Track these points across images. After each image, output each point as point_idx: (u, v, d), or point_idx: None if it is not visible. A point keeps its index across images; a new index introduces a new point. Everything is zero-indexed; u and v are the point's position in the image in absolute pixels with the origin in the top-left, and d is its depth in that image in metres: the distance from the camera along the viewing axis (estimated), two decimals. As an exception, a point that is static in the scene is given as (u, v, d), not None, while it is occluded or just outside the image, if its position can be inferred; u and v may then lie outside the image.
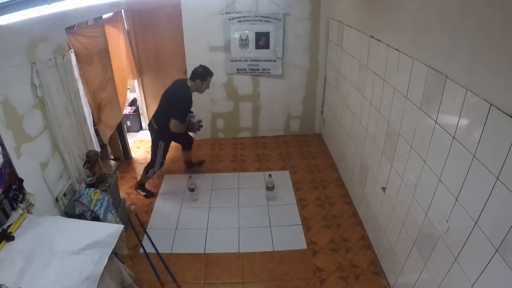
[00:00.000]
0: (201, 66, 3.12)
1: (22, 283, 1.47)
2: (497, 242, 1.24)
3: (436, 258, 1.69)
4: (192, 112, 3.25)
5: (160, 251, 2.72)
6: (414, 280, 1.93)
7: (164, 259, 2.65)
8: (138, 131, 4.92)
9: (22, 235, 1.73)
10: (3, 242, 1.67)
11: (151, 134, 3.32)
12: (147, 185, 3.51)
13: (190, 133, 3.51)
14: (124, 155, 4.15)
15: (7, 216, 1.80)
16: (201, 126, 3.31)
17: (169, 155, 4.24)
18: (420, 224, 1.85)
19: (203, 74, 3.07)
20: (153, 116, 3.28)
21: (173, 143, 3.49)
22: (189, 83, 3.11)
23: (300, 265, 2.57)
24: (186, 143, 3.70)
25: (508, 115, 1.18)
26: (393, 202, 2.23)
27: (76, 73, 2.79)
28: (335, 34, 3.66)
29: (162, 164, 3.37)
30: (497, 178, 1.24)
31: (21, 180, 1.92)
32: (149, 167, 3.36)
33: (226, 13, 3.85)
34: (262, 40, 3.98)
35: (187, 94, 3.08)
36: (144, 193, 3.46)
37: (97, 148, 3.17)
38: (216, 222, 3.06)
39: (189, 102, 3.13)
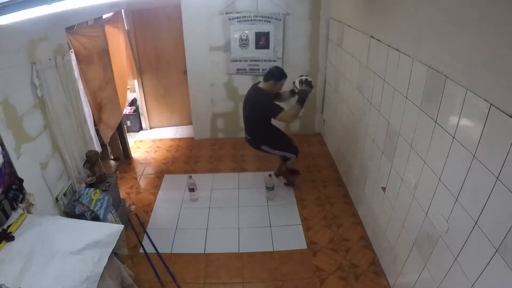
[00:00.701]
0: (276, 67, 3.05)
1: (22, 283, 1.47)
2: (497, 242, 1.24)
3: (436, 258, 1.69)
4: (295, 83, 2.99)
5: (160, 251, 2.72)
6: (414, 280, 1.93)
7: (164, 259, 2.65)
8: (138, 131, 4.92)
9: (22, 235, 1.73)
10: (3, 242, 1.67)
11: (253, 147, 3.25)
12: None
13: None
14: (124, 155, 4.15)
15: (7, 216, 1.80)
16: (311, 83, 2.91)
17: (168, 155, 4.28)
18: (420, 224, 1.85)
19: (278, 75, 2.94)
20: (247, 135, 3.24)
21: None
22: (261, 84, 3.01)
23: (300, 265, 2.57)
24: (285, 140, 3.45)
25: (508, 115, 1.18)
26: (393, 202, 2.23)
27: (76, 73, 2.79)
28: (335, 34, 3.66)
29: (296, 151, 3.24)
30: (497, 178, 1.24)
31: (21, 180, 1.92)
32: (284, 161, 3.35)
33: (226, 13, 3.85)
34: (262, 40, 3.98)
35: (261, 97, 2.94)
36: (288, 182, 3.46)
37: (97, 148, 3.17)
38: (216, 222, 3.06)
39: (270, 99, 2.93)
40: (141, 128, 4.98)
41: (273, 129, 3.19)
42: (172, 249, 2.77)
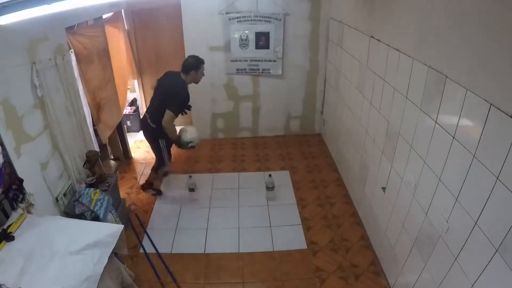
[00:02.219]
0: (190, 56, 3.01)
1: (22, 283, 1.47)
2: (497, 242, 1.24)
3: (436, 258, 1.69)
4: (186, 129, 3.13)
5: (160, 251, 2.72)
6: (414, 280, 1.93)
7: (164, 259, 2.65)
8: (138, 131, 4.91)
9: (22, 235, 1.73)
10: (3, 242, 1.67)
11: (146, 132, 3.13)
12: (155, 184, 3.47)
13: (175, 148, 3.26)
14: (124, 155, 4.15)
15: (7, 216, 1.80)
16: (193, 147, 3.12)
17: (169, 154, 4.27)
18: (420, 224, 1.85)
19: (195, 64, 2.95)
20: (147, 112, 3.11)
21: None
22: (183, 76, 2.98)
23: (300, 265, 2.57)
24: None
25: (508, 115, 1.18)
26: (393, 202, 2.23)
27: (76, 73, 2.79)
28: (335, 34, 3.66)
29: (170, 159, 3.31)
30: (497, 178, 1.24)
31: (21, 180, 1.92)
32: (158, 166, 3.31)
33: (226, 13, 3.85)
34: (262, 40, 3.98)
35: (183, 90, 2.93)
36: (154, 192, 3.44)
37: (96, 148, 3.17)
38: (216, 222, 3.06)
39: (186, 97, 2.97)
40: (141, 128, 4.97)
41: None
42: (172, 249, 2.77)
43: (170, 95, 2.90)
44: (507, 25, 1.19)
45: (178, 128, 3.12)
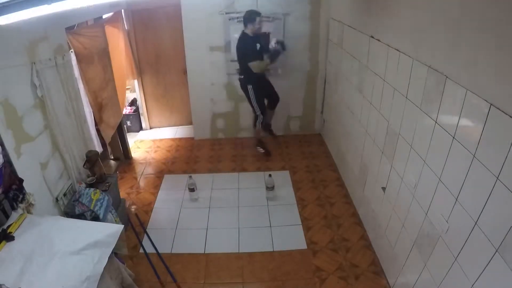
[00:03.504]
0: (246, 11, 3.41)
1: (22, 283, 1.47)
2: (497, 242, 1.24)
3: (436, 258, 1.69)
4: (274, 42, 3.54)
5: (160, 251, 2.72)
6: (414, 280, 1.93)
7: (164, 259, 2.65)
8: (138, 131, 4.92)
9: (22, 235, 1.73)
10: (3, 242, 1.67)
11: (241, 87, 3.70)
12: (264, 140, 3.88)
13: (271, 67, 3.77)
14: (124, 155, 4.15)
15: (7, 216, 1.80)
16: (284, 46, 3.54)
17: (168, 155, 4.28)
18: (420, 224, 1.85)
19: (248, 18, 3.35)
20: (238, 73, 3.73)
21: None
22: (245, 30, 3.44)
23: (300, 265, 2.57)
24: (272, 100, 3.88)
25: (508, 115, 1.18)
26: (393, 202, 2.23)
27: (76, 73, 2.79)
28: (335, 34, 3.66)
29: (263, 111, 3.67)
30: (497, 178, 1.24)
31: (21, 180, 1.92)
32: (255, 120, 3.74)
33: (226, 13, 3.85)
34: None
35: (243, 41, 3.42)
36: (262, 150, 3.84)
37: (98, 148, 3.17)
38: (216, 222, 3.06)
39: (249, 46, 3.42)
40: (141, 128, 4.98)
41: (263, 79, 3.67)
42: (172, 249, 2.77)
43: (238, 51, 3.50)
44: (507, 25, 1.19)
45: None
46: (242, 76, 3.63)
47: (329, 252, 2.67)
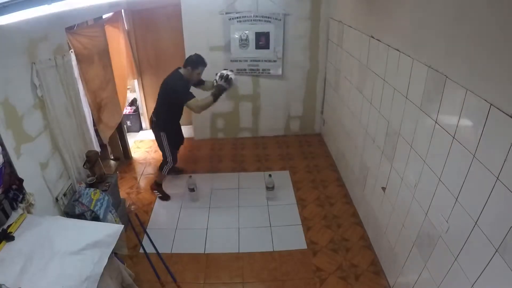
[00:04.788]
0: (195, 54, 3.04)
1: (22, 283, 1.47)
2: (497, 242, 1.24)
3: (436, 258, 1.69)
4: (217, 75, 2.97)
5: (160, 251, 2.72)
6: (414, 280, 1.93)
7: (164, 259, 2.65)
8: (138, 131, 4.92)
9: (22, 235, 1.73)
10: (3, 242, 1.67)
11: (152, 129, 3.27)
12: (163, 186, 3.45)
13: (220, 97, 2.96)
14: (124, 155, 4.15)
15: (7, 216, 1.80)
16: (230, 80, 2.88)
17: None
18: (420, 224, 1.85)
19: (194, 62, 2.97)
20: (153, 112, 3.26)
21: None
22: (182, 70, 3.03)
23: (300, 265, 2.57)
24: (181, 142, 3.56)
25: (508, 115, 1.18)
26: (393, 202, 2.23)
27: (76, 73, 2.79)
28: (335, 34, 3.66)
29: (174, 159, 3.33)
30: (497, 178, 1.24)
31: (21, 180, 1.92)
32: (163, 164, 3.34)
33: (226, 13, 3.85)
34: (262, 40, 3.98)
35: (177, 80, 2.95)
36: (160, 195, 3.40)
37: (97, 148, 3.17)
38: (216, 222, 3.06)
39: (183, 86, 2.94)
40: (141, 128, 4.97)
41: (176, 121, 3.27)
42: (172, 249, 2.77)
43: (172, 91, 2.94)
44: (507, 25, 1.19)
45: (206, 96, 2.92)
46: (156, 119, 3.16)
47: (329, 252, 2.67)
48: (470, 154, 1.40)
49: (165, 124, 3.16)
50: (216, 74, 2.96)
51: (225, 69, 3.01)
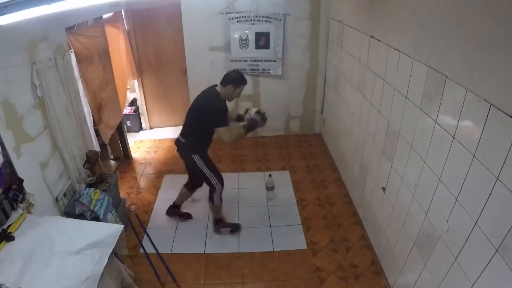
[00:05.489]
0: (235, 71, 2.66)
1: (22, 283, 1.47)
2: (497, 242, 1.24)
3: (436, 258, 1.69)
4: (247, 110, 2.73)
5: (160, 251, 2.72)
6: (414, 280, 1.93)
7: (164, 259, 2.65)
8: (138, 131, 4.92)
9: (22, 235, 1.73)
10: (3, 242, 1.67)
11: (179, 150, 2.78)
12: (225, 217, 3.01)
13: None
14: (124, 155, 4.15)
15: (7, 216, 1.80)
16: (265, 118, 2.67)
17: (168, 155, 4.27)
18: (420, 224, 1.85)
19: (236, 79, 2.58)
20: (181, 133, 2.79)
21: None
22: (219, 88, 2.61)
23: (300, 265, 2.57)
24: (196, 182, 3.09)
25: (508, 115, 1.18)
26: (393, 202, 2.23)
27: (76, 73, 2.79)
28: (335, 34, 3.66)
29: (221, 180, 2.78)
30: (497, 178, 1.24)
31: (21, 180, 1.92)
32: (211, 192, 2.80)
33: (226, 13, 3.85)
34: (262, 40, 3.98)
35: (212, 99, 2.58)
36: (229, 229, 2.91)
37: (97, 148, 3.17)
38: (216, 222, 3.06)
39: (220, 108, 2.58)
40: (141, 128, 4.97)
41: (210, 142, 2.69)
42: (172, 249, 2.77)
43: (204, 113, 2.56)
44: (507, 25, 1.19)
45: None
46: (185, 141, 2.69)
47: (329, 252, 2.67)
48: (470, 154, 1.40)
49: (198, 145, 2.69)
50: (248, 109, 2.74)
51: (258, 108, 2.74)
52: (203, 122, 2.54)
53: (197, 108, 2.64)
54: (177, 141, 2.80)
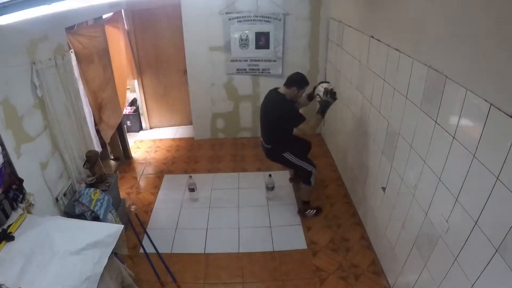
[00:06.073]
0: (297, 73, 2.80)
1: (22, 283, 1.47)
2: (497, 242, 1.24)
3: (436, 258, 1.69)
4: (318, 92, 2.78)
5: (160, 251, 2.72)
6: (414, 280, 1.93)
7: (164, 259, 2.65)
8: (138, 131, 4.92)
9: (22, 235, 1.73)
10: (3, 242, 1.67)
11: (267, 155, 3.03)
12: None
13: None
14: (124, 155, 4.15)
15: (7, 216, 1.80)
16: (335, 95, 2.68)
17: (168, 155, 4.28)
18: (420, 224, 1.85)
19: (299, 82, 2.74)
20: (263, 141, 3.01)
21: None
22: (282, 90, 2.79)
23: (300, 265, 2.57)
24: (304, 148, 3.22)
25: (508, 115, 1.18)
26: (393, 202, 2.23)
27: (76, 73, 2.79)
28: (335, 34, 3.66)
29: (312, 164, 2.96)
30: (497, 178, 1.24)
31: (21, 180, 1.92)
32: (307, 176, 2.95)
33: (226, 13, 3.85)
34: (262, 40, 3.98)
35: (283, 105, 2.72)
36: (313, 212, 3.07)
37: (98, 148, 3.17)
38: (216, 222, 3.06)
39: (292, 107, 2.75)
40: (141, 128, 4.98)
41: (294, 137, 2.87)
42: (172, 249, 2.77)
43: (278, 118, 2.73)
44: (507, 25, 1.19)
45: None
46: (270, 146, 2.92)
47: (329, 252, 2.67)
48: (470, 154, 1.40)
49: (285, 145, 2.88)
50: (315, 88, 2.83)
51: (322, 82, 2.89)
52: (281, 126, 2.78)
53: (271, 115, 2.82)
54: (264, 149, 3.05)
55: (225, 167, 3.95)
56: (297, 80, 2.75)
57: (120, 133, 4.01)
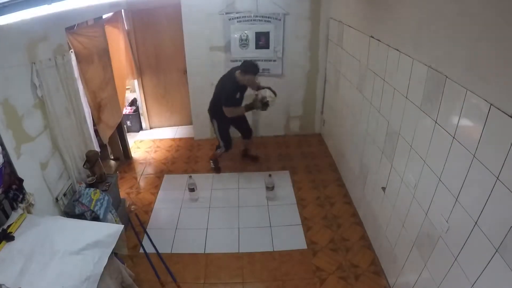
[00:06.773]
0: (250, 61, 3.23)
1: (22, 283, 1.47)
2: (497, 242, 1.24)
3: (436, 258, 1.69)
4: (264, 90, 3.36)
5: (160, 251, 2.72)
6: (414, 280, 1.93)
7: (164, 259, 2.65)
8: (138, 131, 4.92)
9: (22, 235, 1.73)
10: (3, 242, 1.67)
11: (209, 117, 3.61)
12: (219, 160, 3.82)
13: (260, 111, 3.49)
14: (124, 155, 4.15)
15: (7, 216, 1.80)
16: (266, 103, 3.29)
17: (168, 155, 4.28)
18: (420, 224, 1.85)
19: (251, 68, 3.17)
20: (210, 104, 3.56)
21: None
22: (236, 73, 3.25)
23: (300, 265, 2.57)
24: (244, 132, 3.81)
25: (508, 115, 1.18)
26: (393, 202, 2.23)
27: (76, 73, 2.79)
28: (335, 34, 3.66)
29: (227, 146, 3.62)
30: (497, 178, 1.24)
31: (21, 180, 1.92)
32: (217, 147, 3.70)
33: (226, 13, 3.85)
34: (262, 40, 3.98)
35: (229, 82, 3.26)
36: (213, 166, 3.82)
37: (96, 148, 3.17)
38: (216, 222, 3.06)
39: (232, 89, 3.24)
40: (141, 128, 4.97)
41: (221, 111, 3.38)
42: (172, 249, 2.77)
43: (221, 87, 3.35)
44: (507, 25, 1.19)
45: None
46: (208, 108, 3.58)
47: (329, 252, 2.67)
48: (470, 154, 1.40)
49: (216, 114, 3.45)
50: (262, 88, 3.39)
51: (270, 89, 3.37)
52: (218, 98, 3.33)
53: (219, 84, 3.45)
54: (208, 110, 3.63)
55: (225, 167, 3.95)
56: (244, 65, 3.19)
57: (120, 133, 4.01)
